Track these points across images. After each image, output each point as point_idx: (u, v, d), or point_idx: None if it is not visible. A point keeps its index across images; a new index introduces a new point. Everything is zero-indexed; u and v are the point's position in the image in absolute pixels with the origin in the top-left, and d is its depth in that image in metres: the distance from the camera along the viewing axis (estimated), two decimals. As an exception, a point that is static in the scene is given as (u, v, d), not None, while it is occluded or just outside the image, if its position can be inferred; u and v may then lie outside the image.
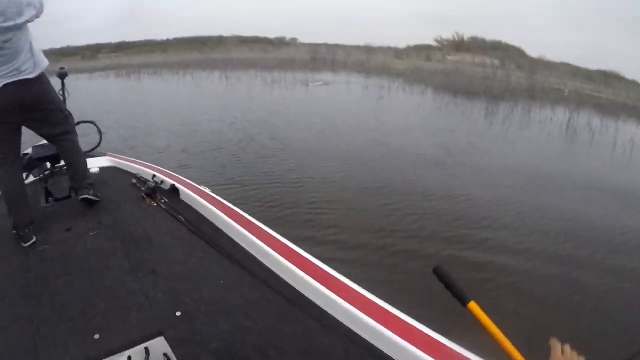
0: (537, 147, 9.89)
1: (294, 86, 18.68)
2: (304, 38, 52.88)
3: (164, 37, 54.24)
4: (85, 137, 4.92)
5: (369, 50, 40.64)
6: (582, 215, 5.87)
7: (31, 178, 3.34)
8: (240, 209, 2.64)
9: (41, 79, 2.53)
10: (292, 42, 54.12)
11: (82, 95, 14.73)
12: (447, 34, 46.42)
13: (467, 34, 44.79)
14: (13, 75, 2.35)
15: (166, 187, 3.10)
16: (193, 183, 3.13)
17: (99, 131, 4.09)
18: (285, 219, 5.11)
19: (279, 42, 53.50)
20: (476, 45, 42.51)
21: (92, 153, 3.94)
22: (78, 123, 3.65)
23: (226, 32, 53.72)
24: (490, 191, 6.52)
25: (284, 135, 9.66)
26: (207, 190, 2.96)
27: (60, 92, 3.50)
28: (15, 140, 2.56)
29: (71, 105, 3.43)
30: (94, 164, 3.51)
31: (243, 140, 9.14)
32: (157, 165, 3.66)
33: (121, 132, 10.08)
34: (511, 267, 4.33)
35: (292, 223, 4.95)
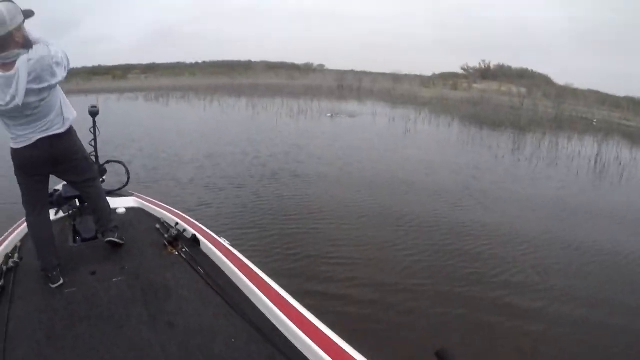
0: (565, 186, 9.42)
1: (319, 117, 18.42)
2: (331, 65, 54.39)
3: (194, 60, 56.21)
4: (115, 177, 4.75)
5: (395, 78, 40.57)
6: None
7: (60, 214, 3.47)
8: (259, 254, 2.99)
9: (70, 133, 2.70)
10: (320, 69, 55.11)
11: (110, 118, 15.01)
12: (474, 62, 46.99)
13: (493, 61, 45.05)
14: (44, 130, 2.52)
15: (188, 235, 3.14)
16: (213, 234, 3.11)
17: (127, 172, 4.19)
18: (302, 267, 4.86)
19: (307, 69, 54.39)
20: (503, 74, 43.02)
21: (119, 192, 4.10)
22: (107, 162, 3.87)
23: (255, 57, 55.08)
24: (514, 240, 6.08)
25: (307, 172, 9.36)
26: (226, 243, 2.95)
27: (91, 130, 3.64)
28: (44, 189, 2.74)
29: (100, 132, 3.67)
30: (121, 204, 3.71)
31: (265, 177, 8.89)
32: (181, 212, 3.69)
33: (145, 161, 9.96)
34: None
35: (309, 272, 4.73)
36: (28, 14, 2.45)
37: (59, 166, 2.69)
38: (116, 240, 2.94)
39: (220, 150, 11.24)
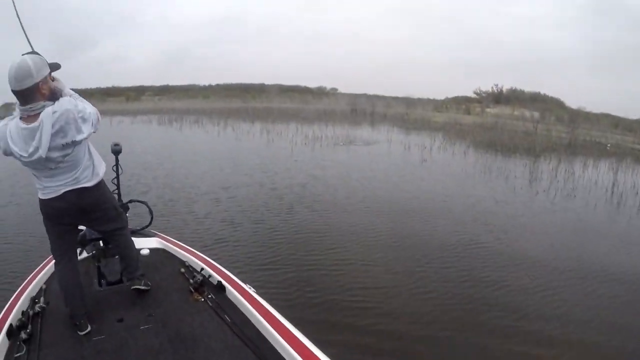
0: (582, 219, 9.01)
1: (334, 145, 18.11)
2: (344, 88, 55.10)
3: (207, 83, 57.06)
4: (137, 218, 4.69)
5: (408, 102, 40.67)
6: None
7: (84, 254, 3.39)
8: (278, 297, 2.99)
9: (98, 186, 2.66)
10: (333, 92, 55.72)
11: (123, 144, 14.70)
12: (486, 85, 46.92)
13: (506, 85, 45.03)
14: (72, 184, 2.50)
15: (214, 281, 3.10)
16: (239, 281, 3.08)
17: (150, 212, 4.05)
18: (324, 312, 4.62)
19: (319, 92, 55.01)
20: (515, 97, 43.03)
21: (142, 232, 4.07)
22: (130, 202, 3.72)
23: (268, 80, 56.00)
24: (534, 283, 5.66)
25: (324, 206, 9.02)
26: (251, 291, 2.92)
27: (114, 169, 3.61)
28: (73, 238, 2.77)
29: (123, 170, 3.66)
30: (145, 245, 3.72)
31: (282, 211, 8.55)
32: (204, 254, 3.65)
33: (160, 192, 9.74)
34: None
35: (331, 319, 4.51)
36: (55, 66, 2.47)
37: (87, 216, 2.69)
38: (142, 287, 2.95)
39: (236, 181, 10.96)
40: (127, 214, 3.64)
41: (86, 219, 2.75)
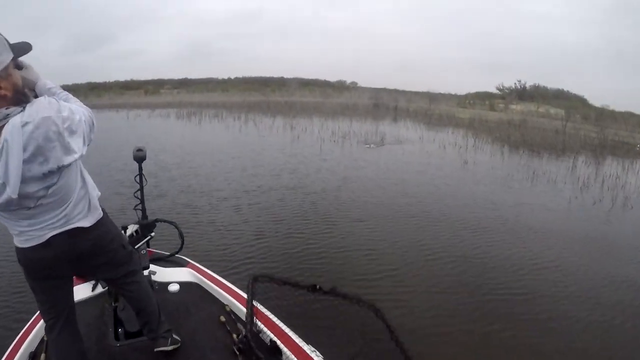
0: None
1: (365, 143, 16.82)
2: (363, 82, 54.38)
3: (226, 76, 56.64)
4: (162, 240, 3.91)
5: (431, 97, 39.74)
6: None
7: (99, 289, 2.80)
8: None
9: (99, 223, 1.89)
10: (352, 86, 55.07)
11: (140, 140, 13.78)
12: (508, 82, 46.12)
13: (529, 82, 44.24)
14: (61, 224, 1.73)
15: (265, 339, 2.28)
16: (300, 342, 2.21)
17: (181, 234, 3.27)
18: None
19: (340, 86, 54.33)
20: (539, 94, 42.37)
21: (172, 259, 3.29)
22: (157, 221, 3.11)
23: (287, 74, 55.26)
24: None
25: (364, 215, 7.90)
26: (315, 355, 2.10)
27: (136, 179, 3.09)
28: (69, 293, 1.99)
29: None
30: (174, 278, 3.01)
31: (317, 221, 7.38)
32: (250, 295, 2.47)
33: (179, 197, 8.71)
34: None
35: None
36: (22, 48, 1.62)
37: (86, 263, 1.92)
38: (170, 348, 2.24)
39: (262, 184, 9.80)
40: (153, 233, 3.10)
41: (85, 267, 1.98)
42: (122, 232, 2.62)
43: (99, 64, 68.74)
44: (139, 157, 3.06)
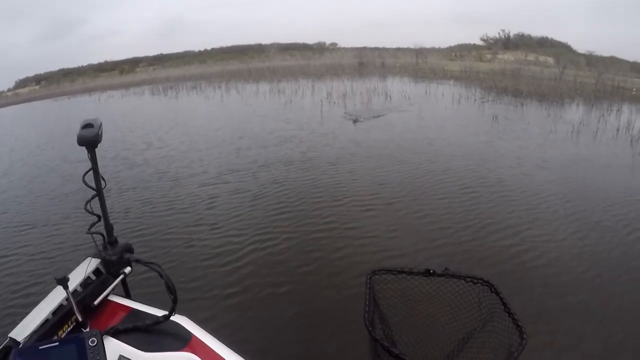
0: None
1: (369, 102, 15.09)
2: (343, 43, 52.42)
3: (203, 48, 54.68)
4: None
5: (417, 52, 37.96)
6: None
7: None
8: None
9: None
10: (333, 47, 53.14)
11: (109, 125, 12.22)
12: (490, 32, 44.73)
13: (512, 31, 43.07)
14: None
15: None
16: None
17: (170, 288, 1.55)
18: None
19: (320, 48, 52.69)
20: (523, 43, 41.27)
21: (163, 329, 1.58)
22: (135, 261, 1.74)
23: (265, 40, 53.83)
24: None
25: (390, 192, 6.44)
26: None
27: (86, 181, 1.69)
28: None
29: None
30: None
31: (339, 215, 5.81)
32: None
33: (144, 192, 7.15)
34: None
35: None
36: None
37: None
38: None
39: (264, 177, 7.83)
40: (129, 268, 1.77)
41: None
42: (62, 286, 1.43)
43: (72, 50, 66.01)
44: (88, 139, 1.70)
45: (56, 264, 4.79)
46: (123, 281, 1.82)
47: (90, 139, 1.68)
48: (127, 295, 1.84)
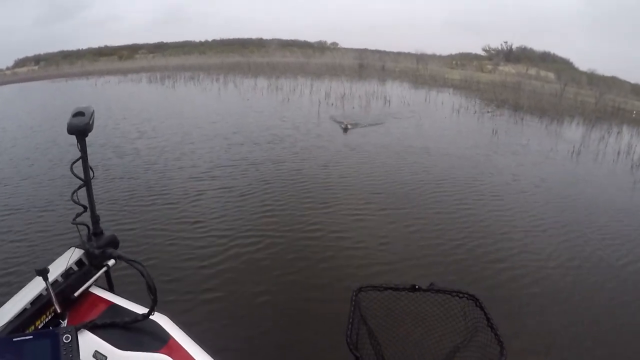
0: None
1: (368, 105, 14.89)
2: (343, 43, 52.19)
3: (203, 39, 53.86)
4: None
5: (418, 57, 37.96)
6: None
7: None
8: None
9: None
10: (334, 47, 53.11)
11: (102, 111, 12.26)
12: (493, 43, 44.65)
13: (515, 43, 42.96)
14: None
15: None
16: None
17: (150, 287, 1.49)
18: None
19: (321, 47, 52.64)
20: (525, 56, 41.25)
21: (142, 328, 1.54)
22: (117, 257, 1.69)
23: (266, 35, 53.11)
24: None
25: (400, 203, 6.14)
26: None
27: (74, 171, 1.65)
28: None
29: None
30: None
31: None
32: None
33: (128, 183, 6.91)
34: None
35: None
36: None
37: None
38: None
39: (254, 176, 7.58)
40: (112, 261, 1.71)
41: None
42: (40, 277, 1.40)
43: (73, 33, 65.42)
44: (78, 128, 1.68)
45: (37, 252, 4.59)
46: (107, 273, 1.78)
47: (80, 128, 1.65)
48: (110, 288, 1.79)
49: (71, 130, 1.66)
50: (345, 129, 10.65)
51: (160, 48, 50.18)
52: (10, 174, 7.44)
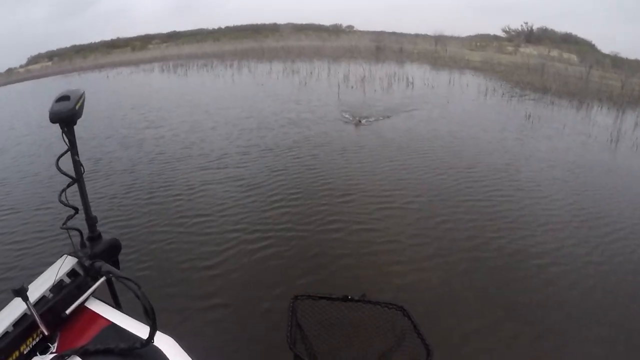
0: None
1: (389, 87, 14.20)
2: (359, 26, 51.35)
3: (216, 26, 53.73)
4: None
5: (437, 39, 37.00)
6: None
7: None
8: None
9: None
10: (349, 30, 52.20)
11: (111, 102, 12.09)
12: (513, 24, 43.11)
13: (535, 24, 41.44)
14: None
15: None
16: None
17: (148, 312, 1.20)
18: None
19: (336, 30, 51.72)
20: (547, 37, 39.86)
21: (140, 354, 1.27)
22: (109, 275, 1.43)
23: (280, 20, 52.59)
24: None
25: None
26: None
27: (60, 168, 1.47)
28: None
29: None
30: None
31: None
32: None
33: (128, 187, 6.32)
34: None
35: None
36: None
37: None
38: None
39: (266, 164, 7.14)
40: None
41: None
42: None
43: (87, 26, 66.00)
44: (62, 115, 1.43)
45: (29, 257, 4.19)
46: (108, 282, 1.58)
47: (64, 115, 1.42)
48: (114, 299, 1.59)
49: (54, 117, 1.42)
50: (358, 124, 9.41)
51: (173, 37, 50.25)
52: (10, 174, 7.13)
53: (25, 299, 1.17)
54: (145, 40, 48.84)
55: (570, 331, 3.08)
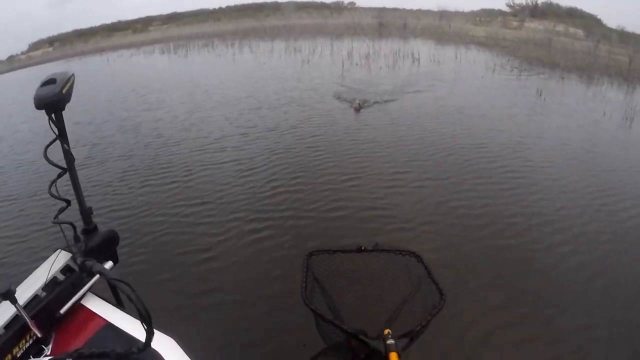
0: None
1: (394, 64, 13.78)
2: (361, 2, 51.03)
3: (217, 6, 53.36)
4: None
5: (441, 14, 36.49)
6: None
7: None
8: None
9: None
10: (351, 6, 51.70)
11: (110, 86, 12.03)
12: None
13: None
14: None
15: None
16: None
17: (143, 316, 1.08)
18: None
19: (337, 7, 51.34)
20: (552, 11, 39.29)
21: None
22: (99, 273, 1.30)
23: None
24: None
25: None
26: None
27: (49, 159, 1.41)
28: None
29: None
30: None
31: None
32: None
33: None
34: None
35: None
36: None
37: None
38: None
39: (267, 145, 6.94)
40: (110, 262, 1.46)
41: None
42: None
43: (87, 10, 65.85)
44: (46, 100, 1.30)
45: (25, 251, 4.00)
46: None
47: (49, 100, 1.31)
48: (114, 294, 1.54)
49: (38, 103, 1.30)
50: (358, 109, 8.49)
51: (173, 18, 50.21)
52: (6, 162, 6.94)
53: (14, 301, 1.12)
54: (146, 23, 48.83)
55: (590, 333, 2.84)
